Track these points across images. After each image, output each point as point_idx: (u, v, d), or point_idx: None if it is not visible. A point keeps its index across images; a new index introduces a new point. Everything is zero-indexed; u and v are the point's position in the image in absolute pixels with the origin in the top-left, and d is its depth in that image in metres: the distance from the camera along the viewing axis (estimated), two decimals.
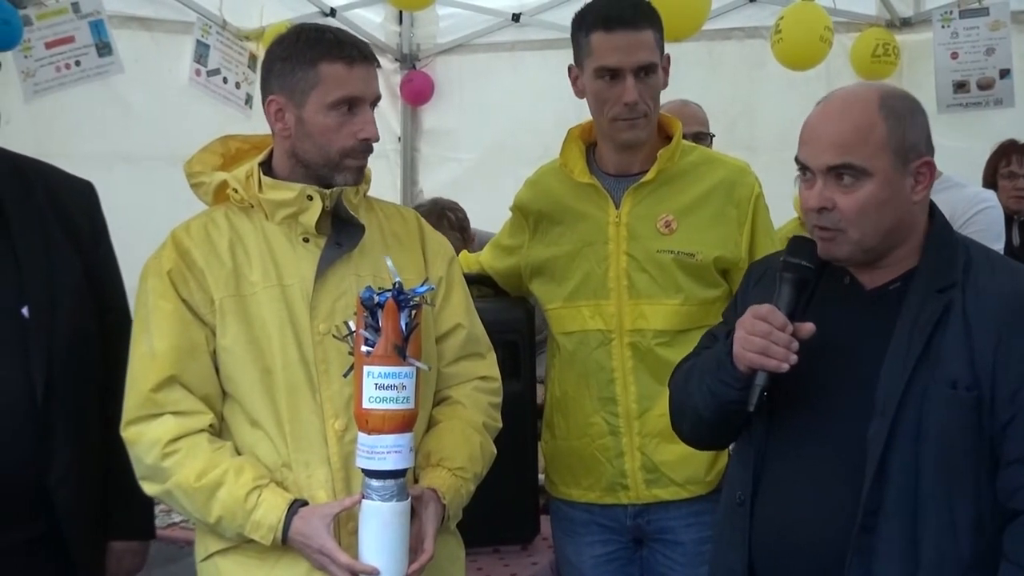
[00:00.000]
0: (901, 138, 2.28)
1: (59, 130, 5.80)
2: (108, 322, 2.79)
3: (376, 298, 2.38)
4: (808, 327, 2.30)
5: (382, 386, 2.37)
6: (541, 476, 3.51)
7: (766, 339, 2.28)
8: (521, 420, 3.45)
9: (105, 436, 2.56)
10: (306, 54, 2.54)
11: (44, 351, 2.68)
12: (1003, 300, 2.24)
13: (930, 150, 2.34)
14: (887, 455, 2.22)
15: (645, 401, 3.11)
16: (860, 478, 2.24)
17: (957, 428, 2.20)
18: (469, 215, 5.15)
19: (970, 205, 4.09)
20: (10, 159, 2.82)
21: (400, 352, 2.37)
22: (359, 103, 2.57)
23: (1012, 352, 2.19)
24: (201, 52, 6.58)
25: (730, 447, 2.76)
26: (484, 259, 3.54)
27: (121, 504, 2.74)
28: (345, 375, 2.48)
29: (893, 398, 2.23)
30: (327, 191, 2.58)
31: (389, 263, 2.46)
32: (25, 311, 2.68)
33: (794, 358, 2.28)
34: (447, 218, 4.77)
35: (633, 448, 3.12)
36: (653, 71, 3.03)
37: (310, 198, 2.57)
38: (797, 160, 2.36)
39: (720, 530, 2.57)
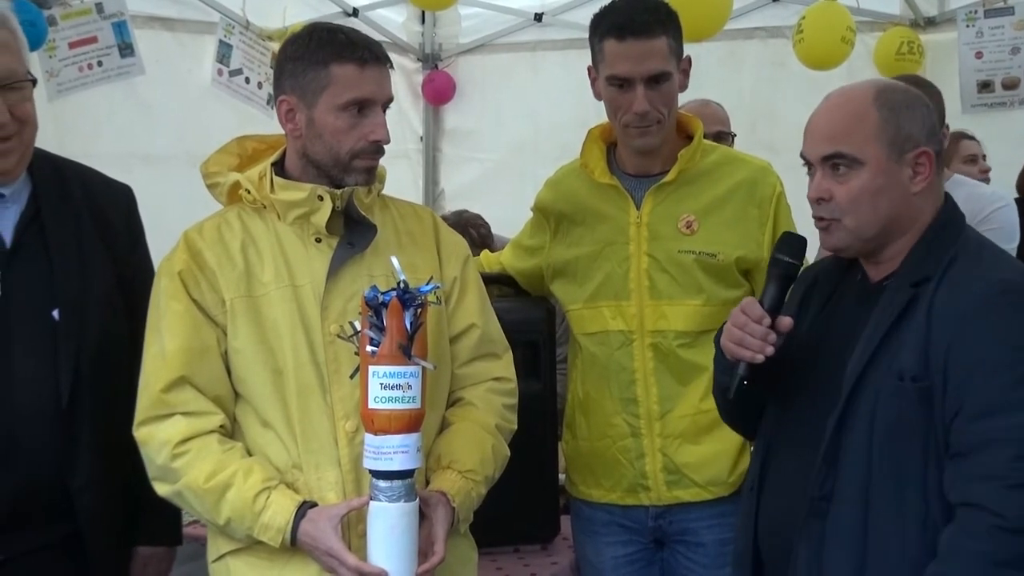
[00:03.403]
0: (895, 129, 2.31)
1: (81, 130, 5.82)
2: (139, 328, 2.78)
3: (380, 297, 2.37)
4: (785, 321, 2.39)
5: (387, 386, 2.36)
6: (562, 476, 3.51)
7: (742, 331, 2.38)
8: (541, 420, 3.45)
9: (132, 442, 2.56)
10: (318, 54, 2.53)
11: (72, 355, 2.68)
12: (969, 294, 2.22)
13: (932, 142, 2.35)
14: (836, 442, 2.27)
15: (667, 402, 3.10)
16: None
17: (904, 420, 2.21)
18: (491, 215, 5.14)
19: (988, 203, 4.10)
20: (50, 160, 2.83)
21: (405, 351, 2.35)
22: (370, 105, 2.55)
23: (964, 343, 2.18)
24: (224, 52, 6.60)
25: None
26: (505, 259, 3.53)
27: (147, 510, 2.75)
28: (352, 376, 2.47)
29: (848, 387, 2.27)
30: (337, 191, 2.57)
31: (394, 262, 2.45)
32: (55, 314, 2.68)
33: (770, 350, 2.36)
34: (469, 234, 4.74)
35: (654, 449, 3.11)
36: (666, 79, 3.01)
37: (321, 198, 2.56)
38: (801, 156, 2.42)
39: (738, 522, 2.63)
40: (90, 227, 2.80)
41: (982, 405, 2.13)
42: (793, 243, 2.47)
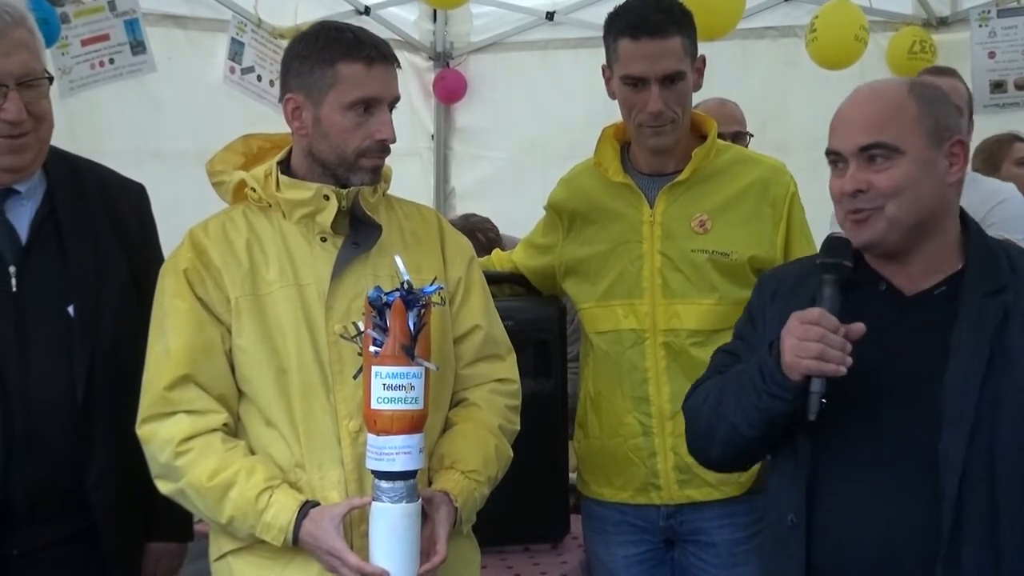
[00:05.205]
0: (934, 119, 2.28)
1: (92, 127, 5.84)
2: None
3: (384, 298, 2.37)
4: (859, 327, 2.23)
5: (390, 386, 2.36)
6: (572, 475, 3.50)
7: (821, 343, 2.20)
8: (552, 419, 3.46)
9: None
10: (325, 53, 2.54)
11: (87, 351, 2.69)
12: None
13: (964, 135, 2.34)
14: (967, 467, 2.17)
15: (678, 401, 3.03)
16: (935, 493, 2.18)
17: None
18: (501, 213, 5.13)
19: (991, 196, 4.08)
20: (64, 158, 2.85)
21: (408, 352, 2.35)
22: (377, 104, 2.55)
23: None
24: (236, 50, 6.61)
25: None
26: (517, 257, 3.53)
27: (160, 506, 2.76)
28: (355, 377, 2.47)
29: (967, 409, 2.18)
30: (343, 191, 2.57)
31: (398, 262, 2.45)
32: (71, 310, 2.70)
33: (849, 360, 2.21)
34: (477, 238, 4.72)
35: (666, 448, 3.11)
36: (680, 78, 3.02)
37: (326, 198, 2.56)
38: (828, 152, 2.35)
39: (769, 558, 2.50)
40: (104, 224, 2.82)
41: None
42: (843, 246, 2.33)
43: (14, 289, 2.66)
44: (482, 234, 4.78)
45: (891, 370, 2.26)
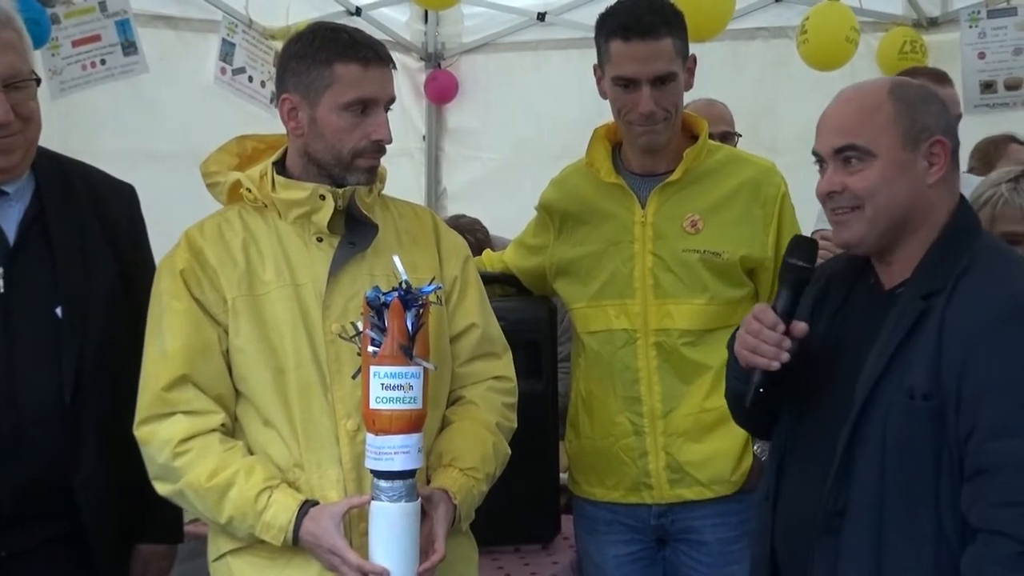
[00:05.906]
0: (910, 120, 2.28)
1: (84, 128, 5.83)
2: (141, 325, 2.79)
3: (382, 298, 2.38)
4: (800, 327, 2.34)
5: (388, 386, 2.36)
6: (563, 475, 3.51)
7: (756, 338, 2.33)
8: (542, 419, 3.46)
9: (134, 439, 2.57)
10: (321, 53, 2.54)
11: (75, 352, 2.69)
12: (981, 309, 2.17)
13: (947, 136, 2.31)
14: (848, 458, 2.24)
15: (670, 401, 3.10)
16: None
17: (915, 437, 2.18)
18: (493, 214, 5.14)
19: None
20: (53, 159, 2.85)
21: (406, 352, 2.36)
22: (373, 104, 2.56)
23: (977, 361, 2.13)
24: (227, 51, 6.61)
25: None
26: (508, 258, 3.53)
27: (149, 508, 2.76)
28: (354, 377, 2.47)
29: (858, 404, 2.25)
30: (339, 191, 2.58)
31: (396, 262, 2.46)
32: (59, 311, 2.70)
33: (785, 356, 2.31)
34: (466, 240, 4.73)
35: (657, 448, 3.12)
36: (672, 79, 3.02)
37: (322, 197, 2.56)
38: (813, 153, 2.39)
39: (754, 525, 2.62)
40: (93, 225, 2.81)
41: (997, 426, 2.10)
42: (804, 247, 2.42)
43: (1, 290, 2.65)
44: (471, 235, 4.78)
45: (849, 361, 2.34)
